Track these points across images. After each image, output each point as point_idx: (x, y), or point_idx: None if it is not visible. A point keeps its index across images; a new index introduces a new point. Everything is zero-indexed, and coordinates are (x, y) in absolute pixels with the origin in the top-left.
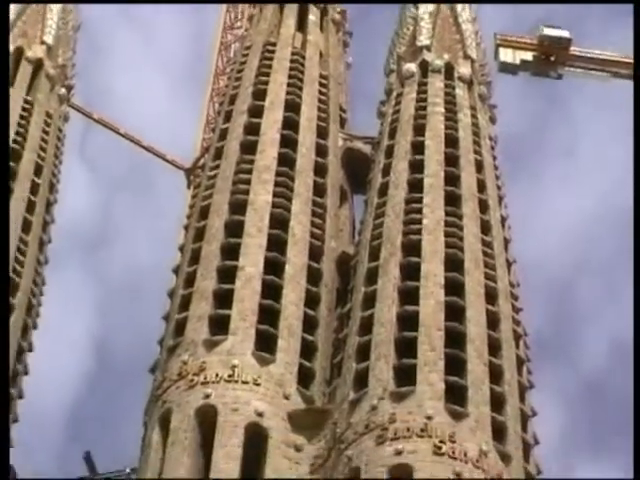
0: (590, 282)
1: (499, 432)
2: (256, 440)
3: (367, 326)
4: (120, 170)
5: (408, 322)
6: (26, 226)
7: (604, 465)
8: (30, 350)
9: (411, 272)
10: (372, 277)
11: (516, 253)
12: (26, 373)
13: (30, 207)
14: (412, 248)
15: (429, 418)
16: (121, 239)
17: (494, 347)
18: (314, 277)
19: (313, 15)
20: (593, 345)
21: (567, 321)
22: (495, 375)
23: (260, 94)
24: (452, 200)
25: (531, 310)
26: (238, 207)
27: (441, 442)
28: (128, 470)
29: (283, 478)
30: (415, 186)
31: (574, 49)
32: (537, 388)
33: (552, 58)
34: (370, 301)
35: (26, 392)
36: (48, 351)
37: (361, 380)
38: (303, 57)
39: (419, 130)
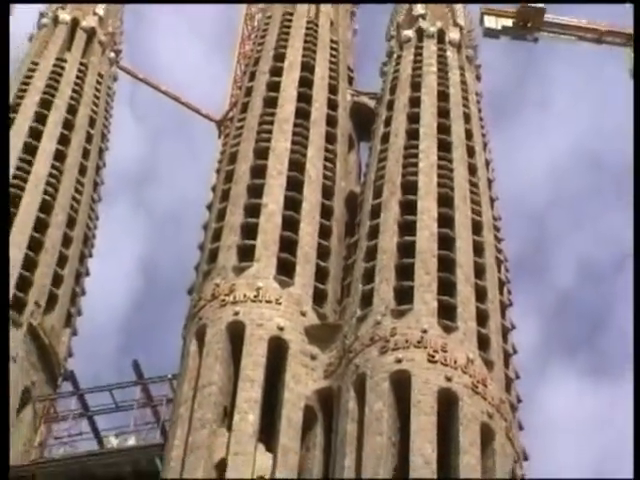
0: (560, 214)
1: (484, 343)
2: (278, 350)
3: (372, 254)
4: (162, 121)
5: (406, 250)
6: (82, 170)
7: (572, 367)
8: (87, 275)
9: (409, 208)
10: (376, 212)
11: (498, 191)
12: (84, 294)
13: (85, 154)
14: (410, 187)
15: (424, 331)
16: (163, 181)
17: (479, 271)
18: (327, 212)
19: None
20: (563, 267)
21: (541, 247)
22: (480, 295)
23: (280, 57)
24: (444, 146)
25: (510, 239)
26: (261, 153)
27: (434, 352)
28: (170, 376)
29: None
30: (412, 135)
31: (548, 16)
32: (516, 305)
33: (529, 24)
34: (374, 233)
35: (84, 310)
36: (102, 275)
37: (367, 299)
38: (316, 25)
39: (416, 87)
